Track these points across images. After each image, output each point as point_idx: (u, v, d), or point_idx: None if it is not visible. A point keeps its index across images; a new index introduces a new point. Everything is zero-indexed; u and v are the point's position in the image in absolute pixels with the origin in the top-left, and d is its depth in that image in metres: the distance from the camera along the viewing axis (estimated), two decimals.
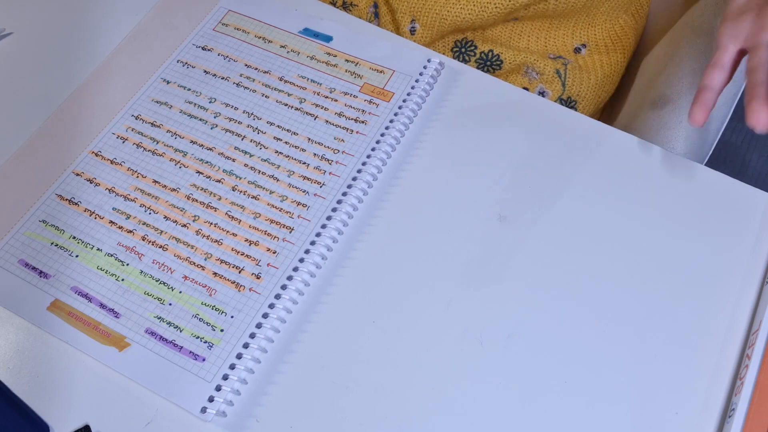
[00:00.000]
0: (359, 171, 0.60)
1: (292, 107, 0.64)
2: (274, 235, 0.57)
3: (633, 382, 0.51)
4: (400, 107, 0.63)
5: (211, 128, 0.63)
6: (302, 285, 0.55)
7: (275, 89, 0.65)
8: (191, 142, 0.62)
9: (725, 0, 0.62)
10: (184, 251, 0.56)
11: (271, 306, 0.54)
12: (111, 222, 0.58)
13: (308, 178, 0.60)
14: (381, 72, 0.65)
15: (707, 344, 0.52)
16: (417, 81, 0.64)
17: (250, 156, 0.61)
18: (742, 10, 0.56)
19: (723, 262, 0.56)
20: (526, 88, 0.75)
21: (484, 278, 0.55)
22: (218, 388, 0.50)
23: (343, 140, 0.61)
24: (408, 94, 0.63)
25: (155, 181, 0.60)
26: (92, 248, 0.57)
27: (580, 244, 0.56)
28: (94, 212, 0.58)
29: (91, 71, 0.66)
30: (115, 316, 0.54)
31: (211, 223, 0.58)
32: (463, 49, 0.77)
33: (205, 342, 0.52)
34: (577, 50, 0.79)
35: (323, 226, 0.57)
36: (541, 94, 0.77)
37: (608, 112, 0.86)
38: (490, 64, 0.77)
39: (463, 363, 0.52)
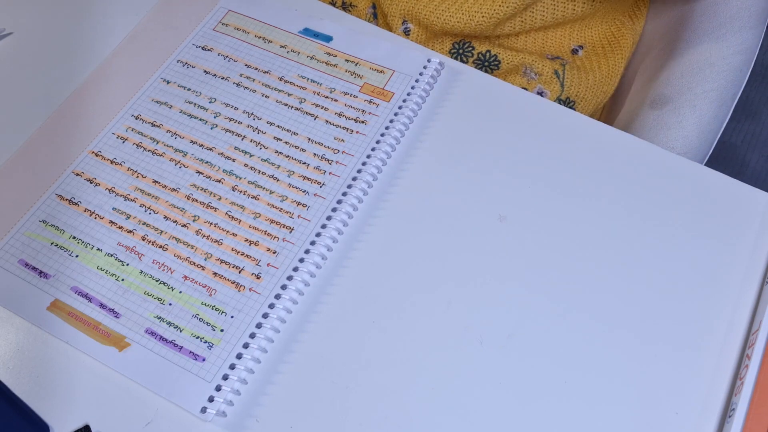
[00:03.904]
0: (359, 171, 0.60)
1: (292, 107, 0.64)
2: (274, 235, 0.57)
3: (633, 382, 0.51)
4: (400, 107, 0.63)
5: (211, 128, 0.63)
6: (302, 285, 0.55)
7: (275, 89, 0.65)
8: (191, 142, 0.62)
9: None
10: (184, 251, 0.56)
11: (271, 306, 0.54)
12: (111, 222, 0.58)
13: (308, 178, 0.60)
14: (381, 72, 0.65)
15: (707, 344, 0.52)
16: (417, 81, 0.64)
17: (250, 156, 0.61)
18: None
19: (723, 262, 0.56)
20: (524, 89, 0.76)
21: (484, 278, 0.55)
22: (218, 388, 0.50)
23: (343, 140, 0.61)
24: (408, 94, 0.63)
25: (155, 181, 0.60)
26: (92, 248, 0.57)
27: (580, 243, 0.56)
28: (94, 212, 0.58)
29: (91, 71, 0.66)
30: (115, 316, 0.54)
31: (211, 223, 0.58)
32: (460, 50, 0.78)
33: (205, 342, 0.52)
34: (574, 51, 0.80)
35: (323, 226, 0.57)
36: (540, 94, 0.77)
37: (608, 112, 0.86)
38: (488, 65, 0.78)
39: (463, 363, 0.52)
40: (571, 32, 0.79)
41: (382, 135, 0.61)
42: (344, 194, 0.58)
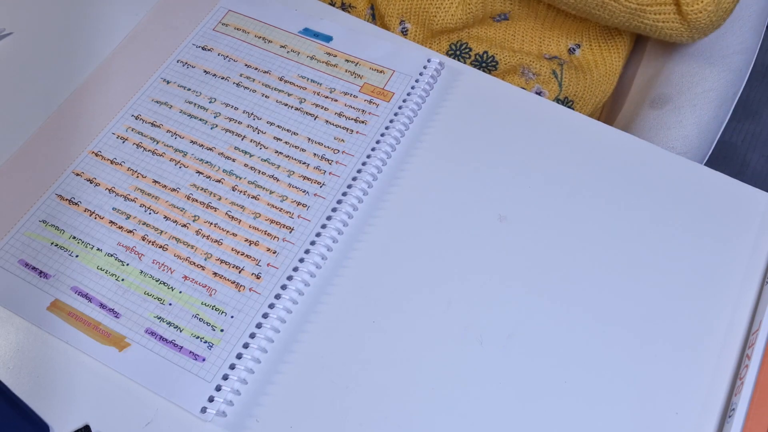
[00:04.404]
0: (359, 171, 0.60)
1: (292, 107, 0.64)
2: (274, 235, 0.57)
3: (633, 382, 0.51)
4: (400, 107, 0.63)
5: (211, 128, 0.63)
6: (302, 285, 0.55)
7: (275, 89, 0.65)
8: (191, 142, 0.62)
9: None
10: (184, 251, 0.56)
11: (271, 306, 0.54)
12: (111, 222, 0.58)
13: (308, 178, 0.60)
14: (381, 72, 0.65)
15: (707, 344, 0.52)
16: (417, 81, 0.64)
17: (250, 156, 0.61)
18: None
19: (723, 262, 0.56)
20: (522, 89, 0.76)
21: (484, 278, 0.55)
22: (218, 388, 0.50)
23: (343, 140, 0.61)
24: (408, 94, 0.63)
25: (155, 181, 0.60)
26: (92, 248, 0.57)
27: (580, 243, 0.56)
28: (94, 212, 0.58)
29: (91, 71, 0.66)
30: (115, 316, 0.54)
31: (211, 223, 0.58)
32: (458, 52, 0.78)
33: (205, 342, 0.52)
34: (571, 51, 0.80)
35: (323, 226, 0.57)
36: (538, 94, 0.77)
37: (608, 112, 0.86)
38: (485, 66, 0.78)
39: (463, 363, 0.52)
40: (569, 31, 0.79)
41: (382, 135, 0.61)
42: (344, 194, 0.58)
